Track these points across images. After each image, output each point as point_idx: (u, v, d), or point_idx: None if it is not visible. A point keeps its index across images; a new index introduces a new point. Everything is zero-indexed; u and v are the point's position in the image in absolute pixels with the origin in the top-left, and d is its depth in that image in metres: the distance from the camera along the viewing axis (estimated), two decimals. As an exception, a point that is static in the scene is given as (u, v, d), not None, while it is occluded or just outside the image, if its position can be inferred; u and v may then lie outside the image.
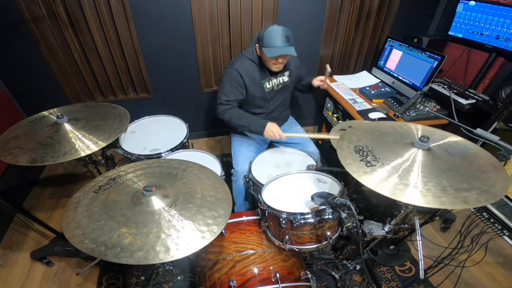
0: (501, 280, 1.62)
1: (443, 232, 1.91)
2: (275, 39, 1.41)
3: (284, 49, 1.42)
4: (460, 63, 2.24)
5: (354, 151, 1.04)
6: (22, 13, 1.83)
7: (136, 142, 1.71)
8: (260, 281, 1.13)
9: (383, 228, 1.20)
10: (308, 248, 1.21)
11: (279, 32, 1.41)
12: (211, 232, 0.89)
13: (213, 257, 1.24)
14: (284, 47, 1.42)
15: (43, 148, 1.23)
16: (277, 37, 1.41)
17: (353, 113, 1.93)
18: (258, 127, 1.55)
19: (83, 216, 0.94)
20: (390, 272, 1.67)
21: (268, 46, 1.43)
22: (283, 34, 1.41)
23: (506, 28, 1.78)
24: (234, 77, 1.56)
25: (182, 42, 2.19)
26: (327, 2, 2.23)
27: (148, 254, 0.81)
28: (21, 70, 2.11)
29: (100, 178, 1.13)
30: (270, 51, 1.43)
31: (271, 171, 1.54)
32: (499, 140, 0.96)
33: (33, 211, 2.06)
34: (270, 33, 1.42)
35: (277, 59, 1.48)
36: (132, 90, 2.42)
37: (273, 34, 1.41)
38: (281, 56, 1.46)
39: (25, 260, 1.72)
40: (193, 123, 2.15)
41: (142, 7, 1.98)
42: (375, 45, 2.57)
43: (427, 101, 1.90)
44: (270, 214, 1.20)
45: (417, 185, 0.87)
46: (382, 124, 1.24)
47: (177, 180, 1.11)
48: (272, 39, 1.41)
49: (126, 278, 1.63)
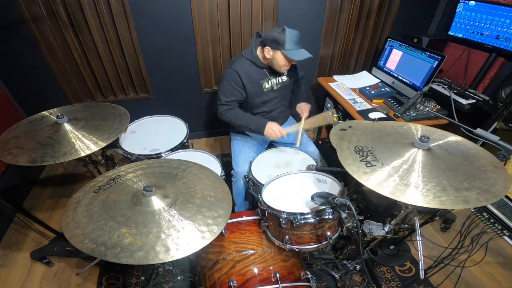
0: (501, 280, 1.62)
1: (443, 232, 1.91)
2: (296, 42, 1.44)
3: (306, 53, 1.46)
4: (460, 63, 2.24)
5: (354, 151, 1.04)
6: (22, 13, 1.83)
7: (136, 142, 1.71)
8: (260, 281, 1.13)
9: (383, 228, 1.20)
10: (308, 248, 1.21)
11: (296, 35, 1.44)
12: (211, 232, 0.89)
13: (213, 257, 1.24)
14: (304, 50, 1.46)
15: (43, 148, 1.23)
16: (297, 41, 1.44)
17: (353, 113, 1.93)
18: (258, 127, 1.56)
19: (83, 216, 0.94)
20: (390, 272, 1.67)
21: (291, 49, 1.44)
22: (298, 37, 1.45)
23: (506, 28, 1.78)
24: (233, 77, 1.57)
25: (182, 42, 2.19)
26: (327, 2, 2.23)
27: (148, 254, 0.81)
28: (21, 70, 2.11)
29: (100, 178, 1.13)
30: (295, 54, 1.44)
31: (271, 171, 1.54)
32: (499, 140, 0.96)
33: (33, 211, 2.06)
34: (291, 37, 1.43)
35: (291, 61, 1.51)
36: (132, 90, 2.42)
37: (294, 37, 1.43)
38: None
39: (25, 260, 1.72)
40: (193, 123, 2.15)
41: (142, 7, 1.98)
42: (375, 45, 2.57)
43: (427, 101, 1.90)
44: (270, 214, 1.20)
45: (417, 185, 0.87)
46: (382, 124, 1.24)
47: (177, 180, 1.11)
48: (295, 42, 1.44)
49: (126, 278, 1.63)
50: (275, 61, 1.52)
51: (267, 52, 1.50)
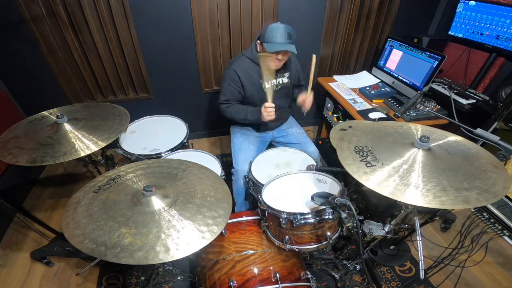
0: (501, 280, 1.62)
1: (443, 232, 1.90)
2: (276, 35, 1.41)
3: (285, 46, 1.42)
4: (460, 63, 2.24)
5: (354, 152, 1.04)
6: (22, 13, 1.83)
7: (136, 142, 1.71)
8: (260, 281, 1.13)
9: (383, 228, 1.20)
10: (308, 248, 1.21)
11: (281, 29, 1.41)
12: (211, 232, 0.89)
13: (213, 257, 1.24)
14: (285, 43, 1.42)
15: (43, 148, 1.23)
16: (278, 34, 1.41)
17: (353, 113, 1.93)
18: (254, 116, 1.60)
19: (83, 216, 0.94)
20: (390, 272, 1.67)
21: (268, 41, 1.43)
22: (285, 31, 1.41)
23: (506, 28, 1.78)
24: (231, 77, 1.58)
25: (182, 42, 2.19)
26: (327, 2, 2.23)
27: (148, 254, 0.81)
28: (21, 70, 2.10)
29: (100, 178, 1.13)
30: (270, 47, 1.42)
31: (271, 171, 1.54)
32: (499, 140, 0.96)
33: (33, 211, 2.06)
34: (272, 29, 1.42)
35: (277, 56, 1.47)
36: (132, 90, 2.42)
37: (275, 30, 1.41)
38: (281, 53, 1.45)
39: (25, 260, 1.72)
40: (193, 123, 2.14)
41: (142, 7, 1.98)
42: (375, 45, 2.57)
43: (427, 101, 1.89)
44: (270, 214, 1.20)
45: (417, 185, 0.87)
46: (382, 124, 1.24)
47: (177, 180, 1.11)
48: (273, 35, 1.41)
49: (126, 278, 1.63)
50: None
51: (258, 46, 1.52)
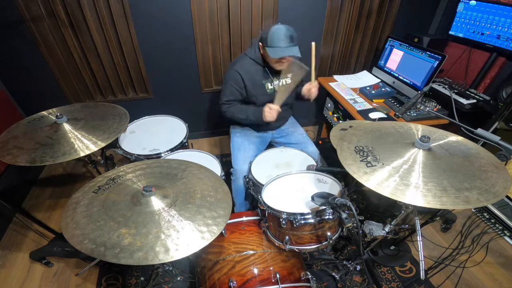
0: (501, 280, 1.62)
1: (444, 233, 1.90)
2: (278, 39, 1.39)
3: (287, 50, 1.41)
4: (460, 63, 2.24)
5: (355, 152, 1.04)
6: (21, 13, 1.82)
7: (136, 142, 1.70)
8: (260, 282, 1.13)
9: (383, 229, 1.20)
10: (308, 249, 1.20)
11: (283, 32, 1.39)
12: (211, 232, 0.89)
13: (213, 257, 1.24)
14: (288, 47, 1.40)
15: (42, 148, 1.23)
16: (280, 37, 1.39)
17: (353, 113, 1.93)
18: (257, 116, 1.57)
19: (82, 217, 0.94)
20: (390, 273, 1.66)
21: (271, 46, 1.42)
22: (286, 34, 1.39)
23: (507, 28, 1.77)
24: (234, 78, 1.57)
25: (182, 42, 2.19)
26: (327, 2, 2.23)
27: (147, 255, 0.80)
28: (20, 70, 2.10)
29: (100, 178, 1.13)
30: (273, 52, 1.41)
31: (271, 171, 1.54)
32: (500, 140, 0.96)
33: (32, 211, 2.06)
34: (274, 33, 1.40)
35: (281, 59, 1.47)
36: (132, 90, 2.42)
37: (277, 34, 1.39)
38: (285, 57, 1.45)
39: (24, 261, 1.72)
40: (193, 123, 2.14)
41: (142, 7, 1.98)
42: (376, 45, 2.56)
43: (428, 101, 1.89)
44: (270, 214, 1.20)
45: (417, 185, 0.87)
46: (382, 124, 1.23)
47: (177, 180, 1.11)
48: (276, 39, 1.40)
49: (126, 279, 1.62)
50: (267, 58, 1.51)
51: (261, 48, 1.51)
